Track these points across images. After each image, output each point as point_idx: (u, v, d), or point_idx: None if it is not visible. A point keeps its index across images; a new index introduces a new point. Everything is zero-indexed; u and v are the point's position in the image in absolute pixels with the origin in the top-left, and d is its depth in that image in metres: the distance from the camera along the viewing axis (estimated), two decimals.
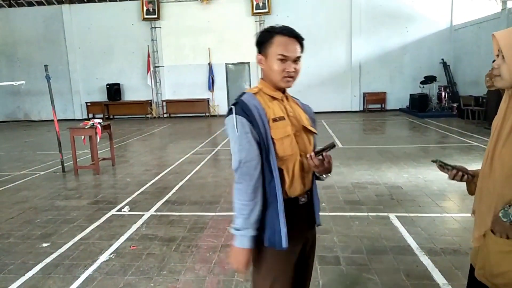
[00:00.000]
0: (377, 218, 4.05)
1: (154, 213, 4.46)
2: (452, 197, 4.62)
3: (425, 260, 3.09)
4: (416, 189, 5.01)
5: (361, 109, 15.08)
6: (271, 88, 1.62)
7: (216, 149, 8.45)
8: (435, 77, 13.44)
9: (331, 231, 3.72)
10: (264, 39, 1.60)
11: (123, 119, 15.95)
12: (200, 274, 3.03)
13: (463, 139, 8.46)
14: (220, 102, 15.68)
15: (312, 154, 1.49)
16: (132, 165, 7.11)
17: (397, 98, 14.80)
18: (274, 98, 1.61)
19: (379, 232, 3.69)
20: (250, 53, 15.09)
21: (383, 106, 15.00)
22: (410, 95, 14.05)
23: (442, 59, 14.05)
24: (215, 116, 15.58)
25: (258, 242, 1.56)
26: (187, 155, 7.79)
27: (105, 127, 6.68)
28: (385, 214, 4.16)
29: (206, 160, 7.32)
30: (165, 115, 15.89)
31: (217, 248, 3.48)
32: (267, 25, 14.59)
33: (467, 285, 1.54)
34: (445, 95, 13.17)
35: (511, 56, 1.23)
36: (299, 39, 1.59)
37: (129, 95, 15.96)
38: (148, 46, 15.27)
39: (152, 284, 2.89)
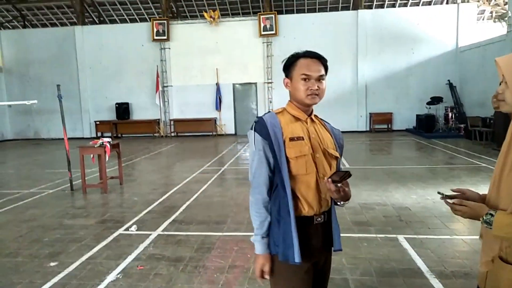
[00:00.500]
0: (386, 240, 4.02)
1: (161, 233, 4.46)
2: (461, 219, 4.56)
3: (436, 283, 3.05)
4: (425, 210, 4.96)
5: (368, 129, 15.10)
6: (296, 109, 1.70)
7: (223, 168, 8.47)
8: (442, 98, 13.47)
9: (339, 252, 3.68)
10: (289, 63, 1.71)
11: (131, 137, 16.12)
12: None
13: (471, 160, 8.41)
14: (227, 122, 15.81)
15: (329, 179, 1.51)
16: (139, 184, 7.15)
17: (404, 119, 14.82)
18: (297, 119, 1.68)
19: (388, 254, 3.65)
20: (257, 74, 15.42)
21: (389, 126, 15.01)
22: (417, 115, 14.07)
23: (448, 80, 14.12)
24: (222, 135, 15.68)
25: (274, 256, 1.63)
26: (194, 174, 7.82)
27: (114, 146, 6.76)
28: (394, 235, 4.12)
29: (213, 179, 7.35)
30: (172, 134, 16.03)
31: (225, 269, 3.46)
32: (274, 46, 15.03)
33: None
34: (452, 116, 13.16)
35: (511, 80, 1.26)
36: (321, 60, 1.68)
37: (137, 114, 16.17)
38: (157, 66, 15.57)
39: None
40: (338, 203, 1.68)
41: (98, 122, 16.09)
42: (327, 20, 14.93)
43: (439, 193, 1.45)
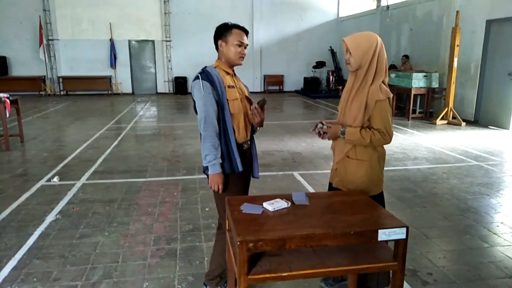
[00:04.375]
0: (284, 176, 5.04)
1: (86, 182, 4.75)
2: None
3: None
4: (312, 153, 6.16)
5: (262, 90, 16.32)
6: (226, 66, 2.31)
7: (129, 125, 8.63)
8: (325, 62, 15.28)
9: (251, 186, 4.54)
10: (224, 29, 2.28)
11: (12, 96, 14.47)
12: (147, 223, 3.59)
13: None
14: (123, 80, 15.34)
15: (257, 105, 2.24)
16: (43, 142, 6.97)
17: (293, 81, 16.39)
18: (227, 73, 2.31)
19: (287, 185, 4.66)
20: (154, 31, 15.13)
21: (281, 87, 16.46)
22: (304, 78, 15.73)
23: (330, 47, 15.96)
24: (119, 94, 15.22)
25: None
26: (100, 131, 7.86)
27: (12, 102, 6.43)
28: (290, 172, 5.17)
29: (122, 135, 7.54)
30: (61, 93, 14.94)
31: (156, 204, 4.04)
32: (171, 3, 14.84)
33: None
34: (332, 79, 15.08)
35: (354, 51, 2.10)
36: (247, 33, 2.32)
37: (17, 70, 14.53)
38: (39, 16, 14.05)
39: (106, 233, 3.36)
40: (255, 129, 2.41)
41: None
42: None
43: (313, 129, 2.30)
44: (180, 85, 15.36)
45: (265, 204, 1.89)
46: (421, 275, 2.74)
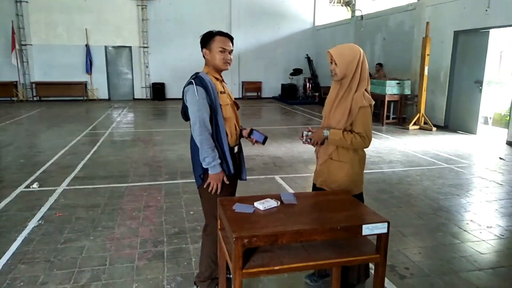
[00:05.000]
0: (266, 179, 5.15)
1: (67, 187, 4.70)
2: (315, 162, 6.04)
3: None
4: (292, 158, 6.31)
5: (241, 96, 16.44)
6: (215, 72, 2.41)
7: (107, 132, 8.54)
8: (302, 69, 15.60)
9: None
10: (208, 38, 2.37)
11: None
12: (132, 227, 3.61)
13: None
14: (99, 86, 15.11)
15: (262, 144, 2.46)
16: (18, 148, 6.82)
17: (271, 87, 16.62)
18: (217, 79, 2.40)
19: (269, 188, 4.77)
20: (132, 37, 15.04)
21: (259, 94, 16.65)
22: (282, 85, 15.99)
23: (307, 55, 16.31)
24: (95, 100, 14.98)
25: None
26: (77, 138, 7.76)
27: None
28: (272, 176, 5.30)
29: (100, 141, 7.47)
30: (35, 98, 14.56)
31: (141, 208, 4.06)
32: (149, 10, 14.81)
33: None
34: (309, 86, 15.38)
35: (340, 62, 2.26)
36: (231, 38, 2.40)
37: None
38: (12, 21, 13.70)
39: (92, 237, 3.36)
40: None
41: None
42: None
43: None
44: (158, 91, 15.29)
45: (256, 204, 1.99)
46: (399, 269, 2.90)
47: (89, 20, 14.52)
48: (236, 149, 2.50)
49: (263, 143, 2.47)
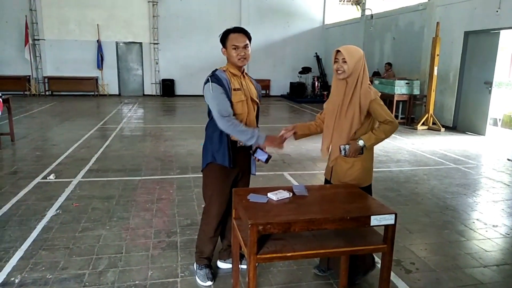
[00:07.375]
0: (275, 175, 5.26)
1: (82, 179, 4.85)
2: (323, 160, 6.12)
3: None
4: (300, 155, 6.40)
5: None
6: (234, 68, 2.50)
7: (119, 126, 8.70)
8: (310, 68, 15.66)
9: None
10: (224, 37, 2.48)
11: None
12: (146, 218, 3.73)
13: None
14: (110, 81, 15.32)
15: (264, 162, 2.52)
16: (34, 141, 6.99)
17: (280, 86, 16.69)
18: (235, 75, 2.51)
19: (279, 184, 4.87)
20: (143, 33, 15.20)
21: (267, 92, 16.73)
22: (290, 83, 16.05)
23: (316, 53, 16.36)
24: (105, 95, 15.19)
25: (212, 161, 2.49)
26: (90, 132, 7.92)
27: (4, 101, 6.45)
28: (281, 172, 5.40)
29: (113, 136, 7.63)
30: (47, 93, 14.81)
31: (154, 201, 4.19)
32: (160, 7, 14.96)
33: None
34: (318, 84, 15.45)
35: (350, 60, 2.33)
36: (245, 33, 2.48)
37: (2, 70, 14.32)
38: (26, 16, 13.94)
39: (108, 227, 3.49)
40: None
41: None
42: None
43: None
44: (167, 87, 15.45)
45: (269, 194, 2.10)
46: (405, 264, 2.99)
47: (101, 15, 14.72)
48: (242, 143, 2.52)
49: (266, 162, 2.50)
